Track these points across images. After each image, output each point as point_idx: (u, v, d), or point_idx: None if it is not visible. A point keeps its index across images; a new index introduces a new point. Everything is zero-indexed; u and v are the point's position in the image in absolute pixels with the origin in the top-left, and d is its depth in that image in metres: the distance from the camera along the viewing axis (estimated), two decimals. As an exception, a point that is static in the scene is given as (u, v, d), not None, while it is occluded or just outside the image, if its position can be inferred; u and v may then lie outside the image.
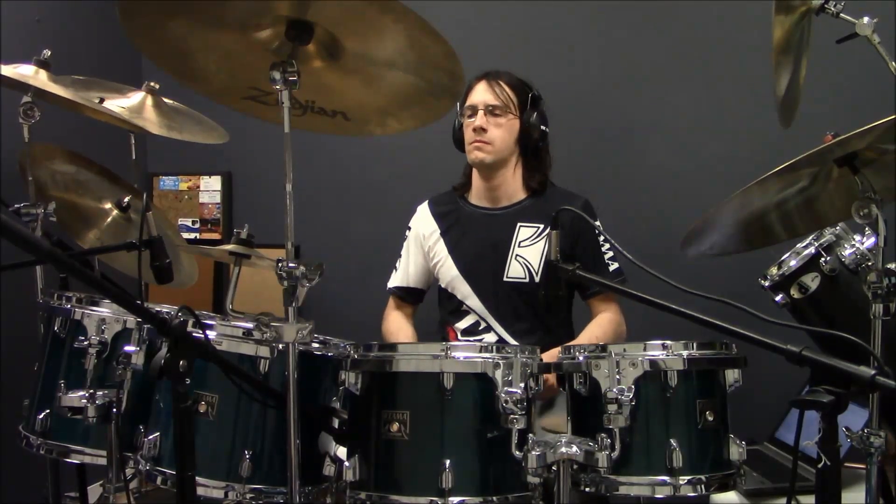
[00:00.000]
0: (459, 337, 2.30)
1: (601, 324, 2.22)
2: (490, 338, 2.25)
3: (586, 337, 2.19)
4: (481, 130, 2.21)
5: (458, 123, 2.33)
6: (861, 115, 1.37)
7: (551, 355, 1.93)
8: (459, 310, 2.30)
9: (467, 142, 2.27)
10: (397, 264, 2.45)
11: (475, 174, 2.35)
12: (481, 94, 2.25)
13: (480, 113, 2.23)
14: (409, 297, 2.44)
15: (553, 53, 2.92)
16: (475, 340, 2.26)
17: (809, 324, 1.68)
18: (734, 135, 2.76)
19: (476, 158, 2.25)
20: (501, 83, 2.25)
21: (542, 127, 2.27)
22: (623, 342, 2.22)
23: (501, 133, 2.23)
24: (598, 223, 2.21)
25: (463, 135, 2.30)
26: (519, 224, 2.27)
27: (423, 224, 2.40)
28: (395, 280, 2.44)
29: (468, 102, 2.27)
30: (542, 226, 2.25)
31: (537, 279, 2.20)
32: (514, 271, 2.24)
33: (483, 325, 2.26)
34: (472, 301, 2.27)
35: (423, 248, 2.39)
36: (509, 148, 2.26)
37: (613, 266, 2.23)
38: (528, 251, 2.24)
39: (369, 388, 1.44)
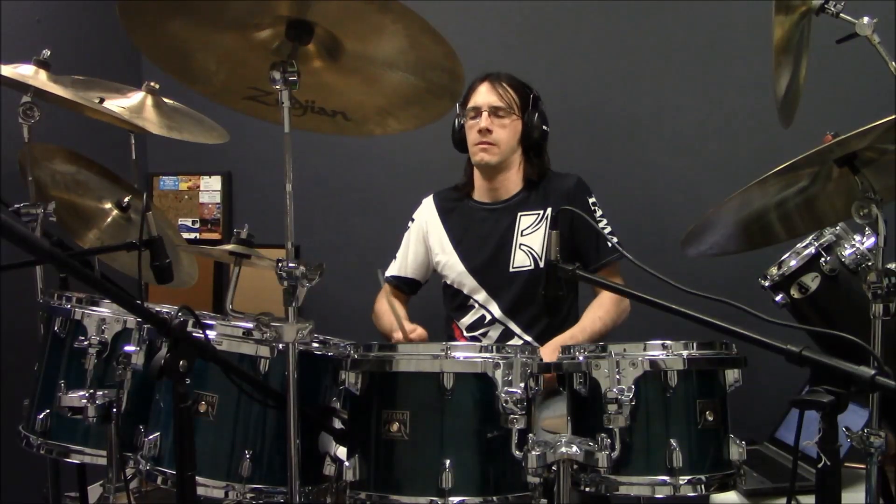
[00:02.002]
0: (465, 333, 2.31)
1: (602, 303, 2.24)
2: (496, 330, 2.26)
3: (589, 320, 2.19)
4: (486, 132, 2.23)
5: (457, 124, 2.34)
6: (861, 115, 1.37)
7: (551, 352, 1.94)
8: (465, 305, 2.32)
9: (472, 143, 2.27)
10: (397, 254, 2.46)
11: (477, 175, 2.36)
12: (485, 95, 2.26)
13: (485, 114, 2.24)
14: (404, 286, 2.46)
15: (553, 53, 2.91)
16: (481, 334, 2.28)
17: (809, 324, 1.67)
18: (734, 135, 2.75)
19: (482, 161, 2.26)
20: (504, 84, 2.27)
21: (543, 126, 2.29)
22: (627, 314, 2.24)
23: (506, 134, 2.25)
24: (592, 199, 2.28)
25: (464, 136, 2.31)
26: (519, 214, 2.29)
27: (427, 218, 2.43)
28: (393, 269, 2.47)
29: (471, 104, 2.28)
30: (541, 211, 2.28)
31: (542, 264, 2.22)
32: (519, 260, 2.26)
33: (489, 318, 2.28)
34: (479, 295, 2.29)
35: (424, 242, 2.41)
36: (513, 148, 2.29)
37: (614, 240, 2.24)
38: (530, 239, 2.27)
39: (369, 388, 1.44)
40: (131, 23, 1.43)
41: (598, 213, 2.28)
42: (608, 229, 2.26)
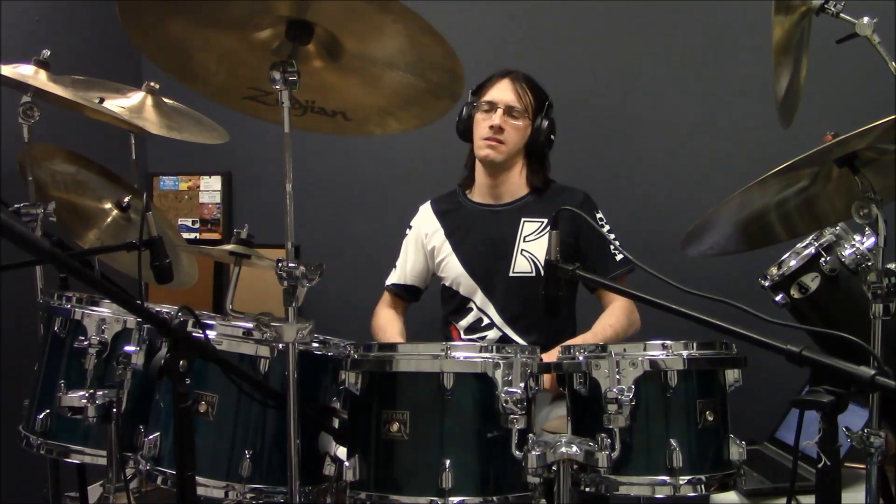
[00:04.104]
0: (462, 335, 2.31)
1: (613, 313, 2.22)
2: (493, 334, 2.26)
3: (600, 327, 2.18)
4: (499, 129, 2.22)
5: (465, 113, 2.31)
6: (861, 115, 1.36)
7: (552, 354, 1.94)
8: (463, 307, 2.31)
9: (480, 136, 2.26)
10: (397, 262, 2.46)
11: (479, 170, 2.35)
12: (504, 92, 2.25)
13: (500, 111, 2.22)
14: (405, 294, 2.45)
15: (553, 53, 2.92)
16: (478, 338, 2.27)
17: (809, 324, 1.67)
18: (734, 135, 2.76)
19: (487, 156, 2.25)
20: (524, 85, 2.26)
21: (551, 135, 2.29)
22: (637, 329, 2.23)
23: (516, 135, 2.25)
24: (599, 214, 2.25)
25: (470, 125, 2.30)
26: (523, 219, 2.28)
27: (426, 224, 2.41)
28: (393, 277, 2.46)
29: (488, 97, 2.26)
30: (546, 220, 2.25)
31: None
32: (521, 266, 2.25)
33: (486, 321, 2.27)
34: (477, 297, 2.28)
35: (423, 248, 2.40)
36: (518, 150, 2.28)
37: (620, 256, 2.23)
38: (534, 245, 2.25)
39: (369, 388, 1.44)
40: (131, 23, 1.43)
41: (606, 228, 2.26)
42: (616, 243, 2.23)
